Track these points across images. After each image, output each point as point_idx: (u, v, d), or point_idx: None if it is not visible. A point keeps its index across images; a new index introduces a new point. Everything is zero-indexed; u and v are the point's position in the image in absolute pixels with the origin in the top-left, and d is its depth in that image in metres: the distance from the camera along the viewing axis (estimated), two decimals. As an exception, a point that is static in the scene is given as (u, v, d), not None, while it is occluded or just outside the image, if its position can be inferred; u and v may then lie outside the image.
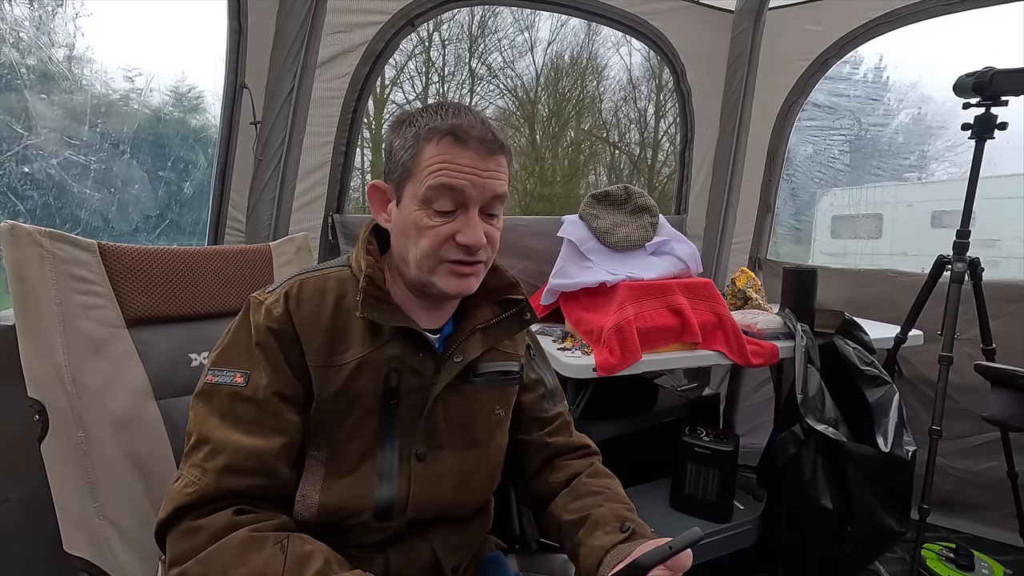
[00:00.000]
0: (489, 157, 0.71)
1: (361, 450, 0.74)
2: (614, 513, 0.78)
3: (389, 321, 0.73)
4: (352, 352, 0.73)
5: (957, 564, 1.75)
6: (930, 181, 4.31)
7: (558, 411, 0.94)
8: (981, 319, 1.68)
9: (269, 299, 0.73)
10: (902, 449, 1.47)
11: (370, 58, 1.78)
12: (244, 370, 0.70)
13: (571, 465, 0.90)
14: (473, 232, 0.70)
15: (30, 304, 0.87)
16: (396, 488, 0.75)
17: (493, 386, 0.84)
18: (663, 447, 1.72)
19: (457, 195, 0.70)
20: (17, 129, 1.29)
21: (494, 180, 0.72)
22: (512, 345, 0.87)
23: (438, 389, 0.76)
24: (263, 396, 0.69)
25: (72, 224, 1.42)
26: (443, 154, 0.69)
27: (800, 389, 1.54)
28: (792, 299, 1.76)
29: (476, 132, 0.70)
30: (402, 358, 0.75)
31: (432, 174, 0.69)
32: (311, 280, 0.76)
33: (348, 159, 1.84)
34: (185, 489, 0.66)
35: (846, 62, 2.40)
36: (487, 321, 0.82)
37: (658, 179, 5.04)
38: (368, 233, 0.80)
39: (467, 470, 0.81)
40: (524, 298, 0.84)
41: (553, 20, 4.65)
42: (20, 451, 0.99)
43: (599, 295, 1.63)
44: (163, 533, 0.67)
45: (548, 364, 0.98)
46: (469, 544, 0.85)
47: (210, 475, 0.66)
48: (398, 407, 0.75)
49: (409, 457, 0.76)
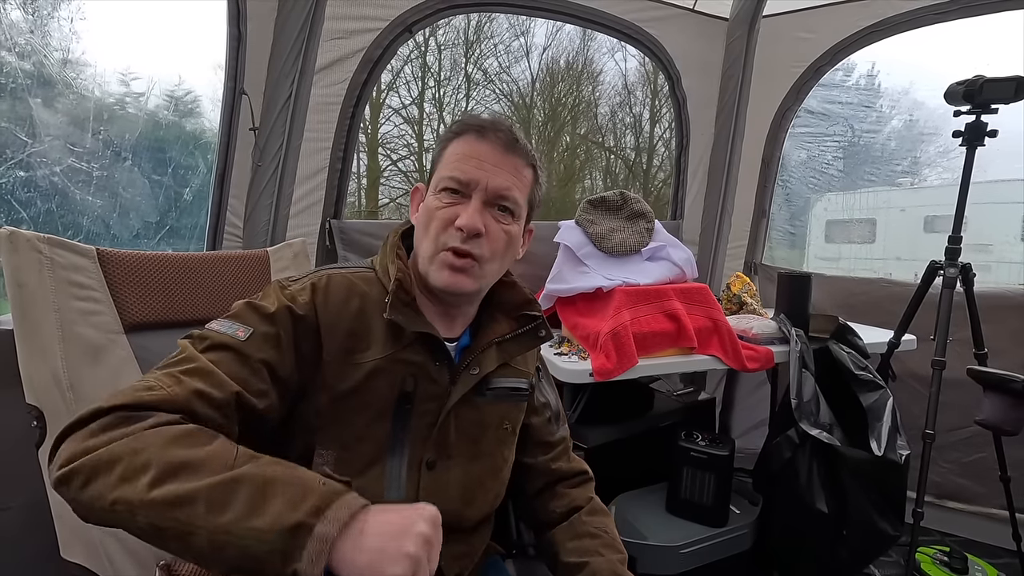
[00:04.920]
0: (505, 154, 0.75)
1: (370, 453, 0.73)
2: (611, 569, 0.82)
3: (413, 326, 0.73)
4: (372, 352, 0.73)
5: (951, 567, 1.76)
6: (922, 186, 4.36)
7: (561, 435, 0.97)
8: (973, 324, 1.70)
9: (294, 286, 0.73)
10: (896, 453, 1.48)
11: (368, 64, 1.79)
12: (249, 327, 0.67)
13: (570, 495, 0.93)
14: (470, 216, 0.72)
15: (28, 310, 0.87)
16: (404, 495, 0.74)
17: (503, 401, 0.84)
18: (659, 451, 1.73)
19: (463, 178, 0.73)
20: (21, 136, 1.29)
21: (503, 174, 0.74)
22: (524, 362, 0.88)
23: (454, 399, 0.76)
24: (255, 359, 0.65)
25: (74, 231, 1.43)
26: (463, 147, 0.75)
27: (795, 394, 1.55)
28: (787, 304, 1.77)
29: (497, 129, 0.75)
30: (420, 364, 0.75)
31: (449, 163, 0.75)
32: (338, 276, 0.76)
33: (346, 165, 1.85)
34: (146, 392, 0.57)
35: (839, 69, 2.43)
36: (503, 335, 0.83)
37: (653, 184, 5.07)
38: (397, 238, 0.81)
39: (473, 482, 0.81)
40: (541, 315, 0.85)
41: (548, 26, 4.67)
42: (18, 457, 0.98)
43: (595, 300, 1.64)
44: (80, 426, 0.54)
45: (553, 385, 1.00)
46: (471, 554, 0.85)
47: (181, 388, 0.58)
48: (411, 413, 0.75)
49: (419, 465, 0.76)
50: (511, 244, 0.78)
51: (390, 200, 5.22)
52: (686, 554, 1.52)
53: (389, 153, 5.07)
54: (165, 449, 0.51)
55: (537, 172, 0.80)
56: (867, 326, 1.97)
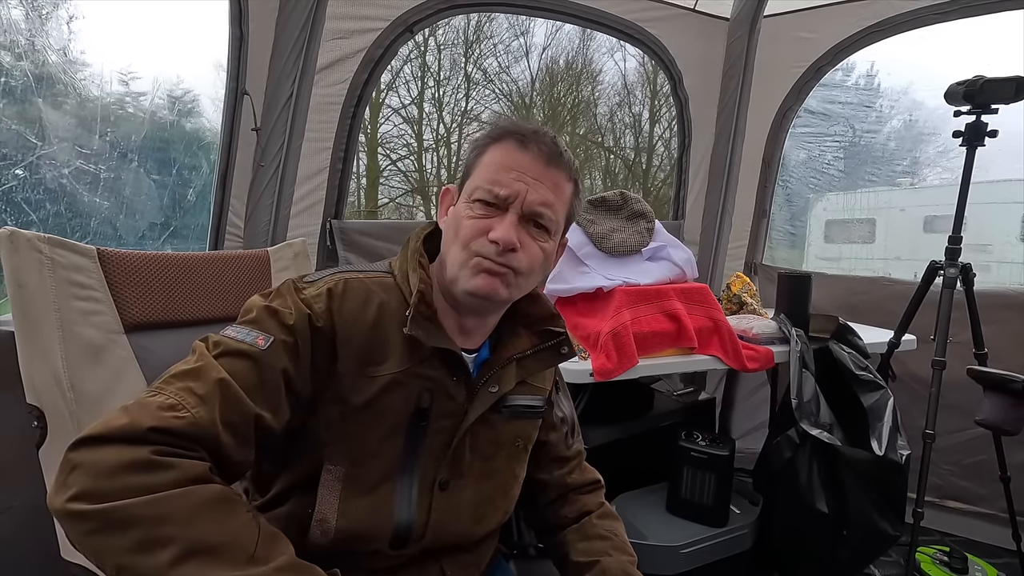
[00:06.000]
0: (546, 168, 0.70)
1: (382, 470, 0.70)
2: (622, 569, 0.82)
3: (433, 341, 0.69)
4: (388, 366, 0.69)
5: (951, 567, 1.76)
6: (922, 186, 4.35)
7: (577, 448, 0.95)
8: (973, 324, 1.70)
9: (311, 290, 0.69)
10: (896, 453, 1.48)
11: (368, 64, 1.79)
12: (270, 335, 0.63)
13: (582, 500, 0.92)
14: (505, 230, 0.67)
15: (29, 310, 0.87)
16: (415, 516, 0.71)
17: (518, 418, 0.82)
18: (660, 451, 1.73)
19: (501, 193, 0.69)
20: (31, 139, 1.29)
21: (543, 190, 0.70)
22: (541, 379, 0.85)
23: (472, 419, 0.73)
24: (274, 369, 0.62)
25: (82, 233, 1.43)
26: (502, 155, 0.71)
27: (795, 394, 1.55)
28: (787, 304, 1.77)
29: (539, 140, 0.71)
30: (438, 380, 0.72)
31: (486, 171, 0.71)
32: (355, 281, 0.71)
33: (346, 165, 1.85)
34: (171, 411, 0.54)
35: (839, 69, 2.43)
36: (524, 351, 0.79)
37: (653, 184, 5.06)
38: (419, 243, 0.76)
39: (484, 501, 0.79)
40: (564, 331, 0.82)
41: (548, 25, 4.67)
42: (19, 457, 0.98)
43: (596, 300, 1.64)
44: (98, 443, 0.51)
45: (569, 397, 0.98)
46: (478, 562, 0.84)
47: (206, 410, 0.56)
48: (426, 430, 0.72)
49: (432, 485, 0.73)
50: (546, 261, 0.75)
51: (390, 200, 5.22)
52: (686, 554, 1.52)
53: (388, 153, 5.08)
54: (189, 524, 0.49)
55: (578, 186, 0.76)
56: (867, 326, 1.97)
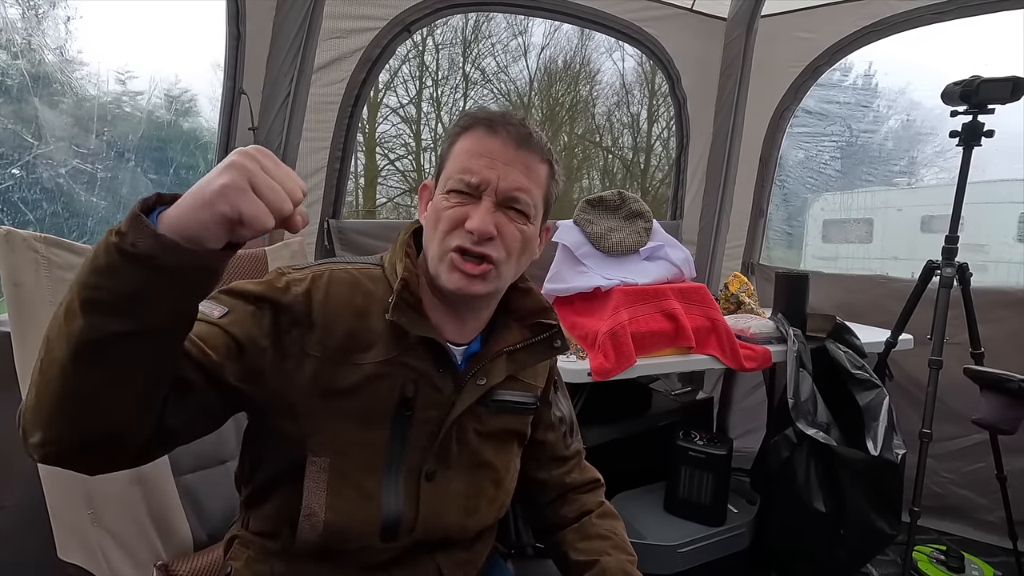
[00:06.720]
0: (517, 151, 0.70)
1: (368, 461, 0.70)
2: (622, 568, 0.82)
3: (416, 329, 0.69)
4: (373, 354, 0.69)
5: (948, 566, 1.76)
6: (919, 186, 4.36)
7: (576, 448, 0.95)
8: (970, 323, 1.70)
9: (294, 274, 0.70)
10: (892, 452, 1.49)
11: (366, 64, 1.79)
12: (225, 307, 0.64)
13: (581, 499, 0.92)
14: (480, 218, 0.67)
15: (25, 310, 0.87)
16: (403, 507, 0.71)
17: (507, 413, 0.81)
18: (657, 451, 1.73)
19: (473, 180, 0.68)
20: (27, 138, 1.28)
21: (515, 174, 0.69)
22: (533, 375, 0.85)
23: (459, 411, 0.73)
24: (226, 336, 0.62)
25: (79, 233, 1.42)
26: (472, 143, 0.70)
27: (792, 393, 1.56)
28: (784, 303, 1.77)
29: (508, 124, 0.70)
30: (423, 370, 0.71)
31: (457, 160, 0.70)
32: (341, 272, 0.73)
33: (344, 164, 1.84)
34: None
35: (836, 69, 2.43)
36: (515, 344, 0.79)
37: (651, 183, 5.07)
38: (407, 236, 0.77)
39: (475, 492, 0.78)
40: (557, 324, 0.81)
41: (546, 25, 4.66)
42: (15, 457, 0.98)
43: (594, 300, 1.64)
44: None
45: (568, 396, 0.98)
46: (475, 561, 0.83)
47: None
48: (412, 420, 0.71)
49: (419, 475, 0.72)
50: (527, 245, 0.74)
51: (388, 200, 5.21)
52: (684, 553, 1.52)
53: (387, 153, 5.07)
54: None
55: (553, 167, 0.75)
56: (865, 325, 1.97)
